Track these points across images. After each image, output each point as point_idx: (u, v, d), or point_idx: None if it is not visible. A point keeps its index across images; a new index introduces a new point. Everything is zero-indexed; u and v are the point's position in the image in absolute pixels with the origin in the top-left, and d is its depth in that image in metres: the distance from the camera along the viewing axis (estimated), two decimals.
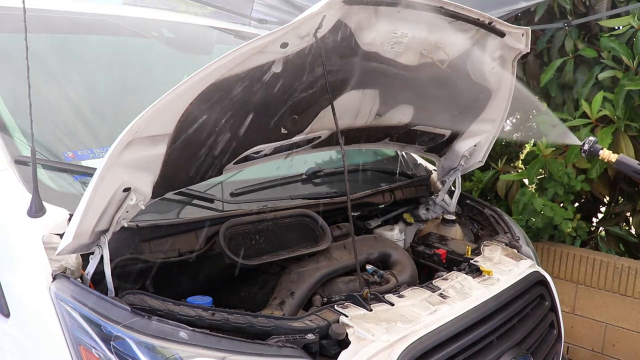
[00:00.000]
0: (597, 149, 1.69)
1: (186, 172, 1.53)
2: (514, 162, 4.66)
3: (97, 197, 1.23)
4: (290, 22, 1.26)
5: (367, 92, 1.81)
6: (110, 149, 1.18)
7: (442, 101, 2.02)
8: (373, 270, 1.89)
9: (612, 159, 1.66)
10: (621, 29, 3.32)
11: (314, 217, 1.90)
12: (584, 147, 1.72)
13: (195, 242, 1.65)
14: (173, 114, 1.28)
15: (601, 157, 1.69)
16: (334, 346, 1.35)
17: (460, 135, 2.28)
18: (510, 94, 2.08)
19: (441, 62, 1.70)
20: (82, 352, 1.25)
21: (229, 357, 1.21)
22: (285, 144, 1.79)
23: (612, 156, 1.66)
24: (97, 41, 2.24)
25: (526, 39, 1.87)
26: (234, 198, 1.85)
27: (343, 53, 1.53)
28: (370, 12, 1.44)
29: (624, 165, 1.65)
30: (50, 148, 1.67)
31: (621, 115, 3.12)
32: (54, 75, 1.95)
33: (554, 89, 3.74)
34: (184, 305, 1.33)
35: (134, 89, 2.17)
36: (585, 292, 3.26)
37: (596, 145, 1.70)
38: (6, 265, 1.45)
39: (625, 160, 1.66)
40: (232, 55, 1.23)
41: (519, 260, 2.04)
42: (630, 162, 1.65)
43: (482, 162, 2.39)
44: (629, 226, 3.79)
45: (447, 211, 2.43)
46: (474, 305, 1.66)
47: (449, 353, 1.49)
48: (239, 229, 1.72)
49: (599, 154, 1.68)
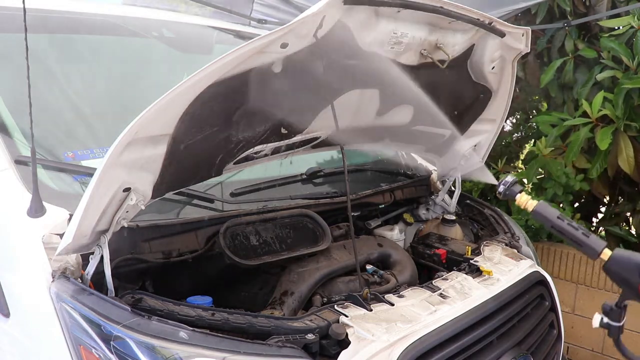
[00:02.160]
0: (514, 193, 1.38)
1: (186, 172, 1.53)
2: (514, 162, 4.66)
3: (97, 197, 1.23)
4: (290, 22, 1.26)
5: (367, 92, 1.81)
6: (110, 149, 1.18)
7: (442, 101, 2.01)
8: (373, 270, 1.89)
9: (529, 207, 1.34)
10: (621, 29, 3.32)
11: (314, 217, 1.90)
12: (499, 188, 1.41)
13: (195, 242, 1.65)
14: (173, 114, 1.28)
15: (517, 203, 1.38)
16: (334, 346, 1.35)
17: (460, 135, 2.28)
18: (510, 94, 2.08)
19: (441, 62, 1.70)
20: (82, 352, 1.25)
21: (229, 357, 1.21)
22: (285, 144, 1.79)
23: (529, 203, 1.35)
24: (97, 41, 2.24)
25: (526, 39, 1.87)
26: (234, 198, 1.85)
27: (343, 53, 1.53)
28: (370, 12, 1.44)
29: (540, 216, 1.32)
30: (50, 148, 1.67)
31: (621, 115, 3.12)
32: (54, 75, 1.95)
33: (554, 89, 3.74)
34: (184, 305, 1.33)
35: (134, 89, 2.17)
36: (585, 292, 3.26)
37: (513, 188, 1.39)
38: (6, 265, 1.45)
39: (542, 210, 1.33)
40: (232, 55, 1.22)
41: (519, 260, 2.04)
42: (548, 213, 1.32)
43: (482, 162, 2.38)
44: (629, 226, 3.79)
45: (447, 211, 2.43)
46: (474, 305, 1.66)
47: (449, 353, 1.49)
48: (239, 229, 1.72)
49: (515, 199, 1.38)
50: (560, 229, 1.32)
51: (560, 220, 1.32)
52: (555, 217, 1.32)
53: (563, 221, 1.32)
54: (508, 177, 1.43)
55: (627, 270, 1.22)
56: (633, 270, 1.21)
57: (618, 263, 1.23)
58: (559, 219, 1.32)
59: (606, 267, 1.25)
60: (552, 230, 1.34)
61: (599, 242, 1.27)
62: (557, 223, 1.32)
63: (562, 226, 1.31)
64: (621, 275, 1.23)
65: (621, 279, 1.24)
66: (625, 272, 1.22)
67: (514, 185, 1.40)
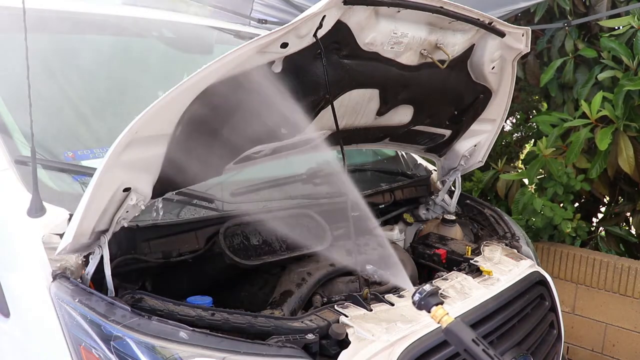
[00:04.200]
0: (430, 304, 1.26)
1: (186, 172, 1.53)
2: (514, 162, 4.67)
3: (97, 197, 1.23)
4: (290, 22, 1.26)
5: (367, 92, 1.81)
6: (110, 149, 1.18)
7: (442, 101, 2.02)
8: (373, 270, 1.89)
9: (444, 323, 1.23)
10: (621, 29, 3.32)
11: (314, 217, 1.90)
12: (414, 297, 1.32)
13: (195, 242, 1.65)
14: (173, 114, 1.28)
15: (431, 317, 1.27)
16: (334, 346, 1.35)
17: (460, 135, 2.28)
18: (510, 94, 2.08)
19: (441, 62, 1.70)
20: (82, 352, 1.25)
21: (229, 357, 1.21)
22: (285, 144, 1.79)
23: (444, 319, 1.23)
24: (97, 41, 2.24)
25: (526, 39, 1.87)
26: (234, 198, 1.85)
27: (343, 53, 1.53)
28: (370, 12, 1.44)
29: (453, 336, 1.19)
30: (50, 148, 1.67)
31: (621, 115, 3.12)
32: (54, 75, 1.95)
33: (554, 89, 3.75)
34: (184, 305, 1.33)
35: (134, 89, 2.17)
36: (585, 292, 3.26)
37: (429, 299, 1.27)
38: (6, 265, 1.44)
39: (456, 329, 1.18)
40: (232, 55, 1.22)
41: (519, 260, 2.04)
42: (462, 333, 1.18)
43: (482, 162, 2.39)
44: (629, 226, 3.79)
45: (447, 211, 2.43)
46: (474, 305, 1.66)
47: (448, 353, 1.48)
48: (239, 229, 1.72)
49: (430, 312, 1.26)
50: (473, 353, 1.21)
51: (476, 344, 1.22)
52: (469, 341, 1.21)
53: (478, 345, 1.22)
54: (425, 286, 1.32)
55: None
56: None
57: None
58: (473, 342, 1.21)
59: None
60: (464, 353, 1.23)
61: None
62: (470, 346, 1.21)
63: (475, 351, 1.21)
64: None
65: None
66: None
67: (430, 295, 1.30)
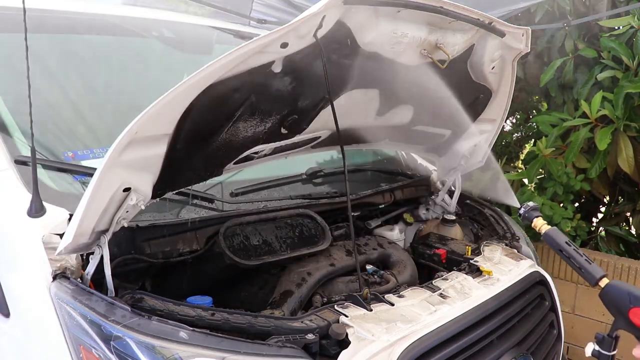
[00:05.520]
0: (532, 216, 1.59)
1: (186, 172, 1.53)
2: (514, 162, 4.67)
3: (97, 197, 1.23)
4: (290, 22, 1.26)
5: (367, 92, 1.81)
6: (110, 149, 1.18)
7: (442, 101, 2.01)
8: (373, 270, 1.89)
9: (542, 229, 1.54)
10: (621, 29, 3.32)
11: (314, 217, 1.90)
12: (520, 211, 1.63)
13: (195, 242, 1.65)
14: (173, 114, 1.28)
15: (533, 226, 1.59)
16: (334, 346, 1.35)
17: (460, 135, 2.28)
18: (510, 94, 2.08)
19: (441, 62, 1.70)
20: (82, 352, 1.25)
21: (229, 357, 1.21)
22: (285, 144, 1.79)
23: (543, 227, 1.54)
24: (97, 41, 2.24)
25: (526, 39, 1.87)
26: (234, 198, 1.85)
27: (343, 53, 1.53)
28: (370, 12, 1.44)
29: (550, 239, 1.51)
30: (50, 148, 1.67)
31: (620, 115, 3.12)
32: (54, 75, 1.95)
33: (554, 89, 3.74)
34: (184, 305, 1.33)
35: (134, 89, 2.17)
36: (585, 292, 3.26)
37: (532, 212, 1.60)
38: (6, 265, 1.44)
39: (553, 234, 1.51)
40: (232, 55, 1.22)
41: (519, 260, 2.04)
42: (558, 237, 1.50)
43: (482, 162, 2.38)
44: (629, 226, 3.79)
45: (447, 211, 2.43)
46: (474, 305, 1.66)
47: (449, 353, 1.49)
48: (238, 229, 1.72)
49: (532, 222, 1.59)
50: (567, 253, 1.47)
51: (568, 245, 1.48)
52: (563, 242, 1.49)
53: (570, 246, 1.47)
54: (530, 202, 1.64)
55: (619, 298, 1.32)
56: (624, 298, 1.30)
57: (612, 291, 1.34)
58: (567, 244, 1.48)
59: (602, 294, 1.36)
60: (560, 253, 1.49)
61: (599, 270, 1.38)
62: (565, 247, 1.48)
63: (569, 251, 1.47)
64: (614, 303, 1.33)
65: (614, 307, 1.34)
66: (617, 299, 1.32)
67: (533, 210, 1.60)
